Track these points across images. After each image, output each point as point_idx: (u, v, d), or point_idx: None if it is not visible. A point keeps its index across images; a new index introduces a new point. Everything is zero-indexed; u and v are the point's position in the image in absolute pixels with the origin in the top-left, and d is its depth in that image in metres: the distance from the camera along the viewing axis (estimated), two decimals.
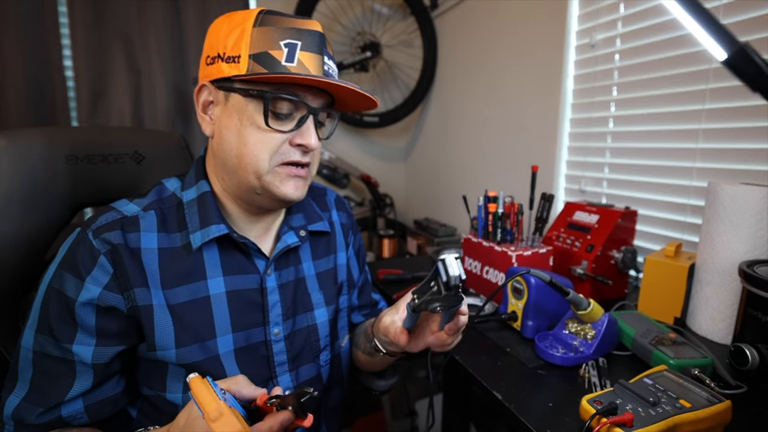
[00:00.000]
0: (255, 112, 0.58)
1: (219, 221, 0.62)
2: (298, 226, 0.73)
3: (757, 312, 0.66)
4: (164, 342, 0.59)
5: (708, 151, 1.00)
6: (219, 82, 0.60)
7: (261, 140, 0.59)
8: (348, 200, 2.20)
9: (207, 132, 0.64)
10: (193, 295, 0.61)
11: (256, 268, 0.67)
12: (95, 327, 0.57)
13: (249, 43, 0.57)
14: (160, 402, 0.62)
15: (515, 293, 0.84)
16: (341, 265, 0.79)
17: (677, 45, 1.04)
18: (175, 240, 0.63)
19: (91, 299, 0.56)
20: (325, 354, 0.74)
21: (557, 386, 0.65)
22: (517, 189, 1.51)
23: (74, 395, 0.58)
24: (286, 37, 0.57)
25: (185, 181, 0.67)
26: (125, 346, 0.60)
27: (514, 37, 1.54)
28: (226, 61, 0.58)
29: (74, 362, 0.57)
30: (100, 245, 0.57)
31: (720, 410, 0.52)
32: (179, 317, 0.60)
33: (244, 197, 0.65)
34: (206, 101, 0.63)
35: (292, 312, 0.69)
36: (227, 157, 0.61)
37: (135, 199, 0.64)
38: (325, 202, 0.82)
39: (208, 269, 0.63)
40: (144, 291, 0.58)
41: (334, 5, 2.03)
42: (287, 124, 0.60)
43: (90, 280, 0.56)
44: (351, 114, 2.00)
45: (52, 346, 0.57)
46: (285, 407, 0.50)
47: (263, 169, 0.60)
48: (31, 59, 1.51)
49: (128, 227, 0.60)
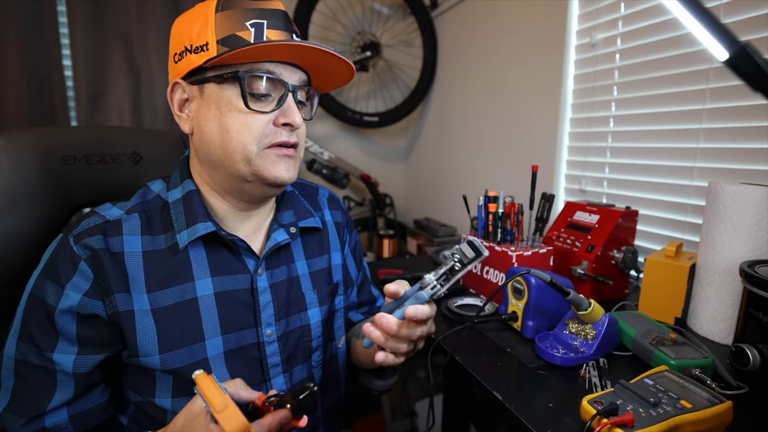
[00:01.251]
0: (233, 97, 0.57)
1: (206, 219, 0.61)
2: (289, 222, 0.71)
3: (758, 312, 0.66)
4: (147, 348, 0.58)
5: (708, 151, 1.00)
6: (191, 76, 0.59)
7: (244, 124, 0.58)
8: (348, 200, 2.21)
9: (186, 130, 0.62)
10: (180, 297, 0.60)
11: (246, 268, 0.65)
12: (76, 335, 0.56)
13: (214, 28, 0.56)
14: (149, 408, 0.61)
15: (515, 293, 0.84)
16: (336, 265, 0.78)
17: (678, 44, 1.03)
18: (160, 242, 0.61)
19: (71, 307, 0.55)
20: (317, 355, 0.73)
21: (557, 387, 0.65)
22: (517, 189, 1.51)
23: (57, 405, 0.57)
24: (251, 18, 0.57)
25: (170, 182, 0.66)
26: (108, 353, 0.59)
27: (514, 37, 1.54)
28: (195, 52, 0.57)
29: (55, 371, 0.57)
30: (81, 251, 0.56)
31: (721, 411, 0.52)
32: (164, 321, 0.59)
33: (233, 190, 0.63)
34: (181, 99, 0.62)
35: (285, 312, 0.68)
36: (210, 150, 0.60)
37: (119, 203, 0.63)
38: (317, 201, 0.80)
39: (196, 270, 0.62)
40: (125, 297, 0.57)
41: (334, 5, 2.03)
42: (268, 105, 0.59)
43: (70, 287, 0.55)
44: (351, 114, 2.00)
45: (33, 355, 0.56)
46: (283, 405, 0.50)
47: (252, 153, 0.58)
48: (30, 59, 1.50)
49: (110, 231, 0.59)
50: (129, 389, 0.63)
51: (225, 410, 0.44)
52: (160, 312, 0.59)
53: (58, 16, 1.54)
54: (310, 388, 0.51)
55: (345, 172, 2.08)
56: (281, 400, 0.51)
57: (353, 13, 2.11)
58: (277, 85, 0.59)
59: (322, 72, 0.63)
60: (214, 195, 0.65)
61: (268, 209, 0.71)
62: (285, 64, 0.59)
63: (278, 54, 0.58)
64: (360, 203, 2.23)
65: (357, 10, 2.11)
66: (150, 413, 0.61)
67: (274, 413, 0.50)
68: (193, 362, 0.60)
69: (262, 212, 0.70)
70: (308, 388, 0.51)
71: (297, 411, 0.50)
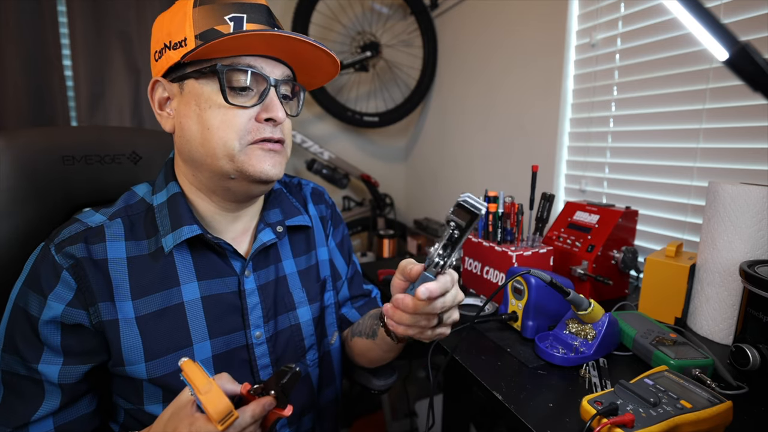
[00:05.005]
0: (212, 92, 0.56)
1: (191, 222, 0.60)
2: (275, 221, 0.70)
3: (758, 312, 0.66)
4: (132, 357, 0.57)
5: (708, 151, 1.00)
6: (170, 73, 0.58)
7: (224, 120, 0.56)
8: (348, 200, 2.21)
9: (167, 128, 0.61)
10: (166, 302, 0.60)
11: (233, 270, 0.64)
12: (61, 345, 0.56)
13: (192, 23, 0.55)
14: (140, 415, 0.61)
15: (515, 293, 0.84)
16: (323, 260, 0.76)
17: (678, 44, 1.03)
18: (145, 247, 0.61)
19: (54, 317, 0.55)
20: (312, 353, 0.72)
21: (557, 387, 0.65)
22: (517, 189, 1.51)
23: (42, 415, 0.56)
24: (230, 12, 0.56)
25: (155, 185, 0.65)
26: (94, 363, 0.58)
27: (514, 37, 1.54)
28: (173, 48, 0.56)
29: (42, 381, 0.56)
30: (63, 260, 0.55)
31: (721, 411, 0.52)
32: (150, 328, 0.58)
33: (218, 189, 0.62)
34: (162, 98, 0.61)
35: (273, 313, 0.67)
36: (192, 148, 0.59)
37: (101, 209, 0.62)
38: (302, 196, 0.79)
39: (181, 275, 0.61)
40: (109, 305, 0.57)
41: (334, 5, 2.03)
42: (249, 99, 0.58)
43: (52, 298, 0.55)
44: (351, 114, 2.00)
45: (19, 366, 0.56)
46: (268, 392, 0.49)
47: (234, 150, 0.57)
48: (30, 59, 1.51)
49: (92, 239, 0.58)
50: (118, 396, 0.62)
51: (209, 392, 0.44)
52: (145, 319, 0.58)
53: (58, 16, 1.54)
54: (292, 369, 0.49)
55: (345, 172, 2.08)
56: (265, 386, 0.50)
57: (353, 13, 2.11)
58: (259, 80, 0.58)
59: (306, 66, 0.62)
60: (199, 196, 0.64)
61: (255, 209, 0.70)
62: (266, 58, 0.58)
63: (257, 47, 0.56)
64: (360, 203, 2.23)
65: (357, 10, 2.11)
66: (141, 420, 0.61)
67: (258, 400, 0.49)
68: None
69: (249, 212, 0.69)
70: (289, 370, 0.49)
71: (281, 396, 0.49)
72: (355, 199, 2.26)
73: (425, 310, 0.52)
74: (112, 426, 0.64)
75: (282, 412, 0.50)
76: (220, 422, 0.44)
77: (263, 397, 0.49)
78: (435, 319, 0.55)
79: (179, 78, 0.57)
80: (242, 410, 0.47)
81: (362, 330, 0.74)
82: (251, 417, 0.47)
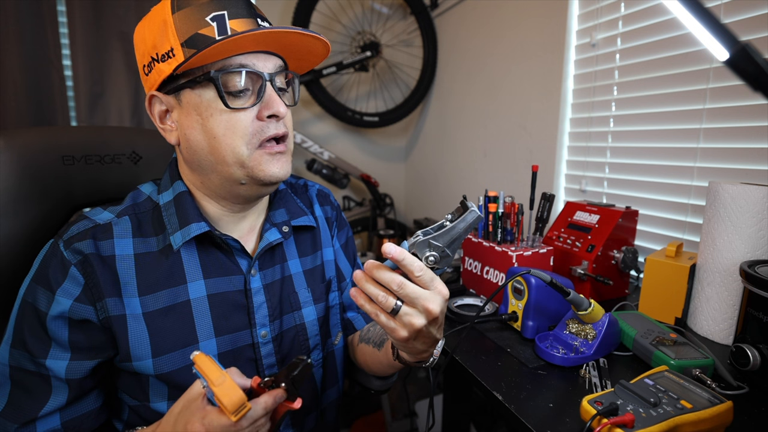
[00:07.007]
0: (211, 99, 0.56)
1: (199, 219, 0.61)
2: (281, 222, 0.70)
3: (758, 312, 0.66)
4: (139, 352, 0.57)
5: (709, 151, 1.00)
6: (164, 86, 0.57)
7: (228, 126, 0.56)
8: (348, 200, 2.21)
9: (172, 141, 0.61)
10: (173, 300, 0.60)
11: (239, 269, 0.65)
12: (68, 341, 0.56)
13: (175, 31, 0.54)
14: (145, 412, 0.61)
15: (515, 293, 0.84)
16: (328, 261, 0.77)
17: (678, 44, 1.03)
18: (152, 244, 0.61)
19: (62, 312, 0.55)
20: (316, 353, 0.72)
21: (558, 387, 0.65)
22: (517, 189, 1.51)
23: (49, 411, 0.56)
24: (210, 11, 0.54)
25: (161, 185, 0.66)
26: (102, 359, 0.58)
27: (514, 37, 1.54)
28: (162, 60, 0.55)
29: (49, 377, 0.56)
30: (71, 256, 0.56)
31: (721, 411, 0.52)
32: (157, 325, 0.58)
33: (227, 194, 0.62)
34: (161, 112, 0.60)
35: (278, 312, 0.67)
36: (200, 158, 0.59)
37: (109, 207, 0.63)
38: (307, 197, 0.79)
39: (188, 272, 0.61)
40: (116, 301, 0.57)
41: (334, 5, 2.03)
42: (248, 100, 0.57)
43: (60, 293, 0.55)
44: (351, 114, 2.00)
45: (27, 361, 0.56)
46: (278, 384, 0.50)
47: (243, 155, 0.57)
48: (29, 59, 1.51)
49: (100, 235, 0.58)
50: (123, 392, 0.62)
51: (223, 384, 0.45)
52: (153, 315, 0.58)
53: (58, 16, 1.54)
54: (303, 361, 0.49)
55: (345, 172, 2.08)
56: (276, 379, 0.50)
57: (353, 13, 2.11)
58: (253, 77, 0.58)
59: (297, 53, 0.61)
60: (206, 199, 0.64)
61: (261, 207, 0.71)
62: (257, 52, 0.57)
63: (246, 44, 0.55)
64: (360, 203, 2.23)
65: (357, 10, 2.11)
66: (146, 417, 0.61)
67: (269, 392, 0.49)
68: (186, 365, 0.59)
69: (255, 211, 0.69)
70: (301, 362, 0.49)
71: (291, 388, 0.50)
72: (355, 199, 2.26)
73: (382, 277, 0.49)
74: (116, 424, 0.64)
75: (292, 404, 0.51)
76: (234, 413, 0.44)
77: (274, 389, 0.50)
78: (391, 299, 0.49)
79: (174, 90, 0.57)
80: (254, 402, 0.48)
81: (371, 337, 0.74)
82: (263, 409, 0.47)
